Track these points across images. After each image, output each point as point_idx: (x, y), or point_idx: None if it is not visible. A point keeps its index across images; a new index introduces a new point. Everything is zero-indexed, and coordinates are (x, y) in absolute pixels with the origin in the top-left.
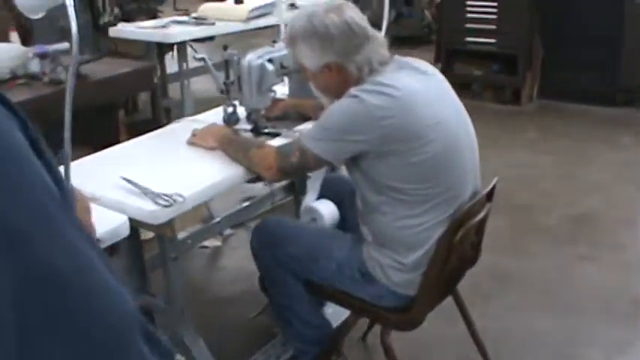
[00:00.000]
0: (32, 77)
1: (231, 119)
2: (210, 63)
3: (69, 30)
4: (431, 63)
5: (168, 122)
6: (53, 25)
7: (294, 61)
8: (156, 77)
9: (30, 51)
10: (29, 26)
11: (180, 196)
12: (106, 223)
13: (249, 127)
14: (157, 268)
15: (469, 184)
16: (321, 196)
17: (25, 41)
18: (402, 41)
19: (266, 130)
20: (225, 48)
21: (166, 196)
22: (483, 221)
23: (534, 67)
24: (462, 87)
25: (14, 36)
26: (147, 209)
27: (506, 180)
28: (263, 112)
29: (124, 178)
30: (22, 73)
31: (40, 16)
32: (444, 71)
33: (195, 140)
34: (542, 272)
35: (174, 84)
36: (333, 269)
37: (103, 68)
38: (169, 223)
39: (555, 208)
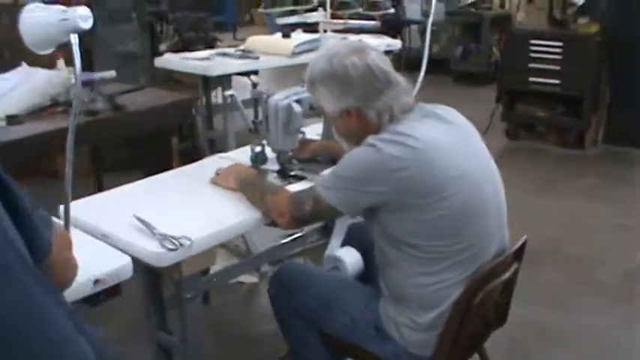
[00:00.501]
0: (70, 105)
1: (258, 159)
2: (239, 100)
3: (128, 56)
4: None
5: (212, 154)
6: (111, 51)
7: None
8: (196, 109)
9: (72, 78)
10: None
11: (188, 239)
12: (110, 262)
13: (276, 168)
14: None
15: (493, 241)
16: (346, 243)
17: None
18: (468, 78)
19: (292, 173)
20: (254, 86)
21: (174, 238)
22: (510, 281)
23: (600, 111)
24: (525, 128)
25: (61, 63)
26: (152, 251)
27: (559, 226)
28: (290, 153)
29: (137, 217)
30: (63, 100)
31: (49, 51)
32: (505, 112)
33: (217, 180)
34: (591, 332)
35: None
36: (347, 323)
37: (142, 99)
38: (176, 266)
39: (611, 262)
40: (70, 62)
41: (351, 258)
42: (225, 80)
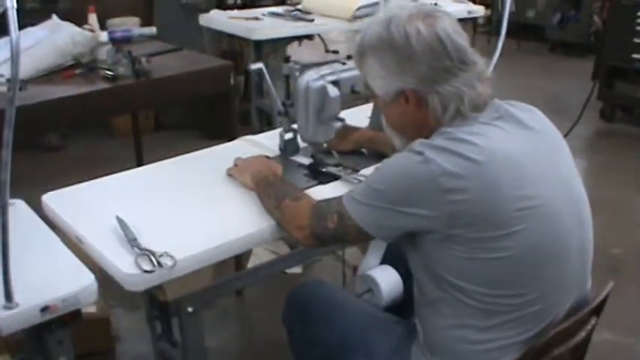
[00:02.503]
0: (91, 68)
1: (287, 148)
2: (267, 77)
3: (191, 7)
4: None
5: (261, 126)
6: (174, 2)
7: (364, 82)
8: (233, 77)
9: (102, 35)
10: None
11: (171, 257)
12: (71, 281)
13: (306, 161)
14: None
15: (569, 297)
16: (385, 261)
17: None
18: (564, 47)
19: (324, 170)
20: (286, 60)
21: (154, 255)
22: (585, 342)
23: None
24: (623, 110)
25: (92, 17)
26: (122, 270)
27: None
28: (325, 145)
29: (118, 219)
30: (87, 60)
31: None
32: (602, 90)
33: (233, 173)
34: None
35: None
36: None
37: (174, 63)
38: (159, 286)
39: None
40: (103, 16)
41: (387, 281)
42: (280, 44)
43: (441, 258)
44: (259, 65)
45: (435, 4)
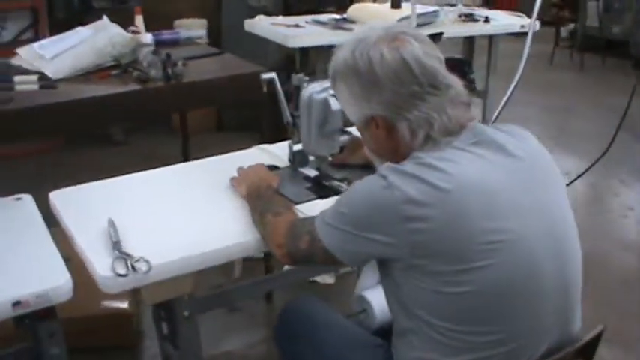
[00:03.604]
0: (125, 70)
1: (296, 160)
2: (279, 86)
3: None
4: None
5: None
6: (242, 3)
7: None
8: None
9: (145, 37)
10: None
11: (146, 263)
12: (48, 278)
13: (313, 174)
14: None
15: (546, 337)
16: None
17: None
18: None
19: (327, 183)
20: (287, 69)
21: (131, 259)
22: None
23: None
24: None
25: (139, 19)
26: (99, 272)
27: None
28: (330, 158)
29: (110, 221)
30: (127, 61)
31: None
32: None
33: (234, 182)
34: None
35: None
36: None
37: (211, 67)
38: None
39: None
40: (150, 21)
41: (381, 303)
42: (325, 53)
43: (408, 288)
44: (271, 75)
45: (486, 19)
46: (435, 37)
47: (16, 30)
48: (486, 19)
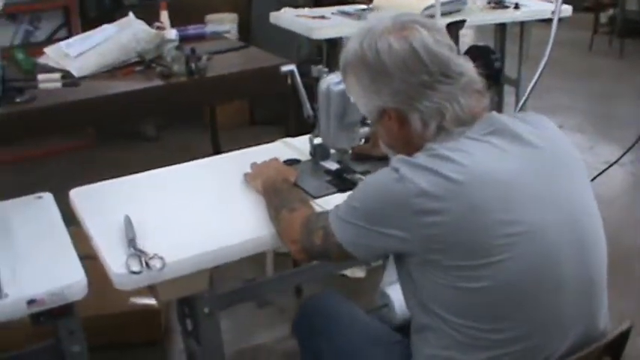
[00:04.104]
0: (148, 66)
1: (317, 153)
2: (298, 79)
3: (288, 2)
4: None
5: None
6: None
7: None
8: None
9: (170, 33)
10: None
11: (160, 260)
12: (63, 275)
13: (335, 167)
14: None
15: (568, 334)
16: None
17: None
18: None
19: (348, 177)
20: (316, 62)
21: (146, 256)
22: None
23: None
24: None
25: (164, 15)
26: (113, 270)
27: None
28: (350, 150)
29: (127, 217)
30: (151, 57)
31: None
32: None
33: (248, 177)
34: None
35: None
36: None
37: (235, 61)
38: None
39: None
40: (181, 15)
41: (401, 297)
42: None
43: (423, 283)
44: (290, 67)
45: (516, 5)
46: (458, 25)
47: (49, 29)
48: (516, 6)
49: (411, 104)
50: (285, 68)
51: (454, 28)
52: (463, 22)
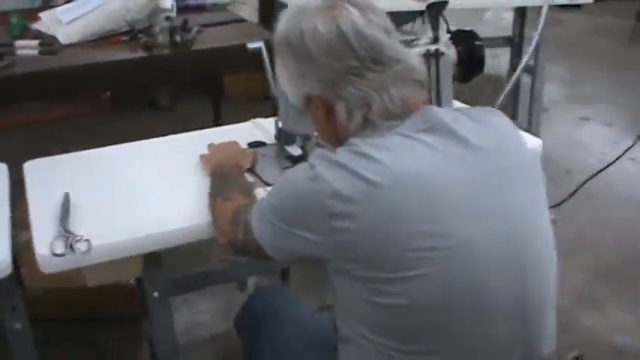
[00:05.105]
0: (135, 36)
1: (282, 137)
2: (266, 57)
3: None
4: None
5: None
6: None
7: None
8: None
9: (164, 2)
10: None
11: (87, 243)
12: None
13: (297, 152)
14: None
15: (501, 357)
16: None
17: None
18: None
19: None
20: None
21: (73, 238)
22: None
23: None
24: None
25: None
26: (37, 251)
27: None
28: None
29: (65, 196)
30: (142, 27)
31: None
32: None
33: (204, 160)
34: None
35: None
36: None
37: (225, 34)
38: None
39: None
40: None
41: None
42: None
43: (342, 293)
44: (257, 44)
45: None
46: (440, 6)
47: None
48: None
49: (336, 92)
50: (251, 45)
51: (433, 10)
52: (445, 3)
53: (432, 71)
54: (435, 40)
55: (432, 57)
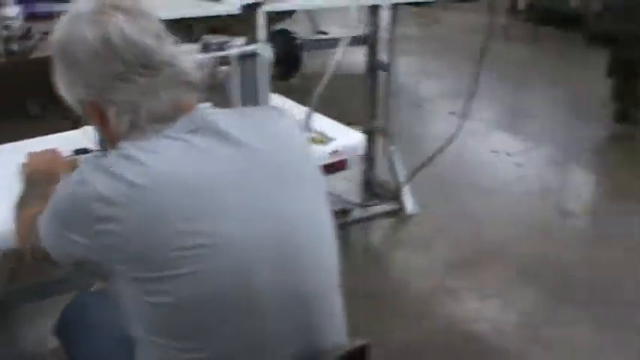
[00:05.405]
0: None
1: (103, 143)
2: None
3: None
4: None
5: None
6: None
7: None
8: None
9: (11, 10)
10: None
11: None
12: None
13: None
14: None
15: (279, 352)
16: None
17: None
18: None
19: None
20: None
21: None
22: None
23: None
24: None
25: None
26: None
27: None
28: None
29: None
30: None
31: None
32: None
33: (23, 168)
34: None
35: None
36: None
37: None
38: None
39: None
40: None
41: None
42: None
43: (120, 295)
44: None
45: None
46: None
47: None
48: None
49: (106, 97)
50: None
51: (247, 10)
52: (259, 4)
53: (246, 71)
54: (252, 41)
55: (248, 58)
